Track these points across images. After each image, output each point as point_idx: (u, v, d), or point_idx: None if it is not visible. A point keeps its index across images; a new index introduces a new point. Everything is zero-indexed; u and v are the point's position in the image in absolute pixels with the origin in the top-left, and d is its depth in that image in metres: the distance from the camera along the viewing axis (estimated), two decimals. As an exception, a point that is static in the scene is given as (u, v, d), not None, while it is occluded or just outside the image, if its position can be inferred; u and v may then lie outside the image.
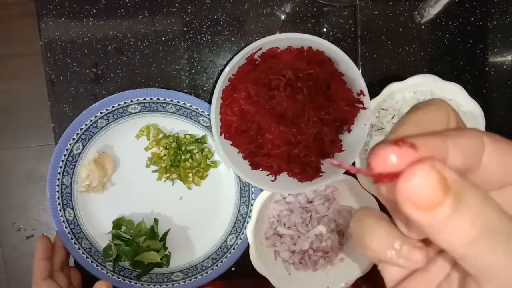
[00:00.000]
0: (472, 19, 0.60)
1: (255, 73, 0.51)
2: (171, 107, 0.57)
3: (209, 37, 0.58)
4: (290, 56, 0.51)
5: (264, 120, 0.50)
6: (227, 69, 0.50)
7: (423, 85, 0.56)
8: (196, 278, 0.59)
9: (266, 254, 0.58)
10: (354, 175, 0.56)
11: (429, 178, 0.14)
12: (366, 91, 0.51)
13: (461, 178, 0.15)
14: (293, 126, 0.50)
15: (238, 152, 0.54)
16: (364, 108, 0.51)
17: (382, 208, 0.56)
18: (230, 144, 0.53)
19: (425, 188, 0.14)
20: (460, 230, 0.15)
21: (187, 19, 0.58)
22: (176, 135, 0.58)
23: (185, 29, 0.58)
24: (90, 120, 0.55)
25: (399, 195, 0.15)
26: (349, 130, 0.53)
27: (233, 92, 0.51)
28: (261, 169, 0.54)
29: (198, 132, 0.58)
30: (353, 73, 0.51)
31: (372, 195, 0.56)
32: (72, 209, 0.57)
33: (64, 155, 0.56)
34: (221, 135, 0.52)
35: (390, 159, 0.15)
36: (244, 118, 0.51)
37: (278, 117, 0.49)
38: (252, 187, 0.58)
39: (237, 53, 0.50)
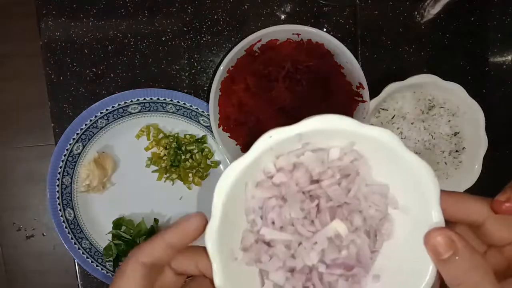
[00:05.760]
0: (472, 19, 0.60)
1: (254, 64, 0.51)
2: (171, 107, 0.57)
3: (209, 37, 0.58)
4: (290, 48, 0.51)
5: (263, 112, 0.50)
6: (226, 59, 0.50)
7: (423, 85, 0.56)
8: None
9: (245, 278, 0.33)
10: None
11: (443, 239, 0.28)
12: (365, 84, 0.51)
13: (465, 244, 0.27)
14: (292, 119, 0.50)
15: (236, 145, 0.54)
16: (363, 101, 0.51)
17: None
18: (228, 136, 0.53)
19: (441, 242, 0.28)
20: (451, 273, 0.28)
21: (187, 19, 0.58)
22: (176, 135, 0.58)
23: (185, 29, 0.58)
24: (90, 120, 0.55)
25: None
26: None
27: (232, 84, 0.51)
28: None
29: (198, 132, 0.58)
30: (352, 66, 0.51)
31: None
32: (72, 209, 0.57)
33: (64, 155, 0.56)
34: (219, 127, 0.52)
35: None
36: (242, 110, 0.51)
37: (277, 109, 0.49)
38: (252, 187, 0.58)
39: (236, 45, 0.50)
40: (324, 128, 0.31)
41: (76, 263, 0.58)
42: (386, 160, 0.32)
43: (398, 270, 0.33)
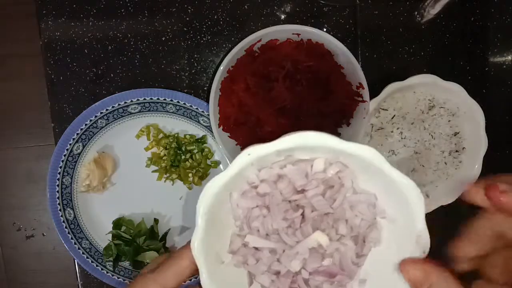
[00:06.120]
0: (472, 19, 0.60)
1: (254, 64, 0.51)
2: (171, 107, 0.57)
3: (209, 37, 0.58)
4: (290, 48, 0.51)
5: (263, 112, 0.50)
6: (226, 59, 0.50)
7: (423, 85, 0.56)
8: (196, 277, 0.59)
9: (232, 280, 0.35)
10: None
11: (419, 273, 0.30)
12: (365, 84, 0.51)
13: (440, 273, 0.28)
14: (292, 118, 0.50)
15: (236, 145, 0.54)
16: (363, 101, 0.51)
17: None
18: (228, 136, 0.53)
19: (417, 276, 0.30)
20: None
21: (187, 19, 0.58)
22: (176, 135, 0.58)
23: (185, 29, 0.58)
24: (90, 120, 0.55)
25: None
26: (348, 124, 0.53)
27: (232, 84, 0.51)
28: None
29: (198, 132, 0.58)
30: (352, 66, 0.51)
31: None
32: (72, 209, 0.57)
33: (64, 155, 0.56)
34: (219, 127, 0.52)
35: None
36: (242, 110, 0.51)
37: (277, 109, 0.50)
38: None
39: (236, 45, 0.50)
40: (302, 145, 0.31)
41: (76, 263, 0.58)
42: (372, 174, 0.32)
43: (384, 275, 0.34)
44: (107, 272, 0.58)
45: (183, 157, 0.58)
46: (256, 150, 0.31)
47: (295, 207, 0.34)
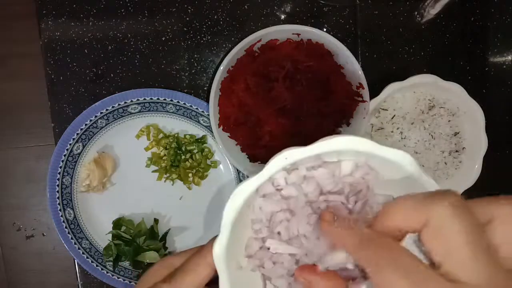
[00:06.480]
0: (472, 19, 0.60)
1: (254, 64, 0.51)
2: (171, 107, 0.57)
3: (209, 37, 0.58)
4: (290, 48, 0.51)
5: (263, 112, 0.50)
6: (226, 59, 0.50)
7: (423, 85, 0.56)
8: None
9: (249, 283, 0.34)
10: None
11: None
12: (365, 84, 0.51)
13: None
14: (292, 118, 0.50)
15: (236, 145, 0.54)
16: (363, 101, 0.51)
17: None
18: (228, 136, 0.53)
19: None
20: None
21: (187, 19, 0.58)
22: (176, 135, 0.58)
23: (185, 29, 0.58)
24: (90, 120, 0.55)
25: None
26: (348, 124, 0.53)
27: (232, 84, 0.51)
28: (259, 161, 0.54)
29: (198, 132, 0.58)
30: (352, 66, 0.51)
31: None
32: (72, 209, 0.57)
33: (64, 155, 0.56)
34: (219, 127, 0.52)
35: None
36: (242, 110, 0.51)
37: (277, 109, 0.50)
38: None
39: (236, 45, 0.50)
40: (343, 149, 0.30)
41: (76, 263, 0.58)
42: (398, 175, 0.31)
43: None
44: (107, 272, 0.58)
45: (183, 157, 0.58)
46: (294, 155, 0.30)
47: (317, 209, 0.33)
